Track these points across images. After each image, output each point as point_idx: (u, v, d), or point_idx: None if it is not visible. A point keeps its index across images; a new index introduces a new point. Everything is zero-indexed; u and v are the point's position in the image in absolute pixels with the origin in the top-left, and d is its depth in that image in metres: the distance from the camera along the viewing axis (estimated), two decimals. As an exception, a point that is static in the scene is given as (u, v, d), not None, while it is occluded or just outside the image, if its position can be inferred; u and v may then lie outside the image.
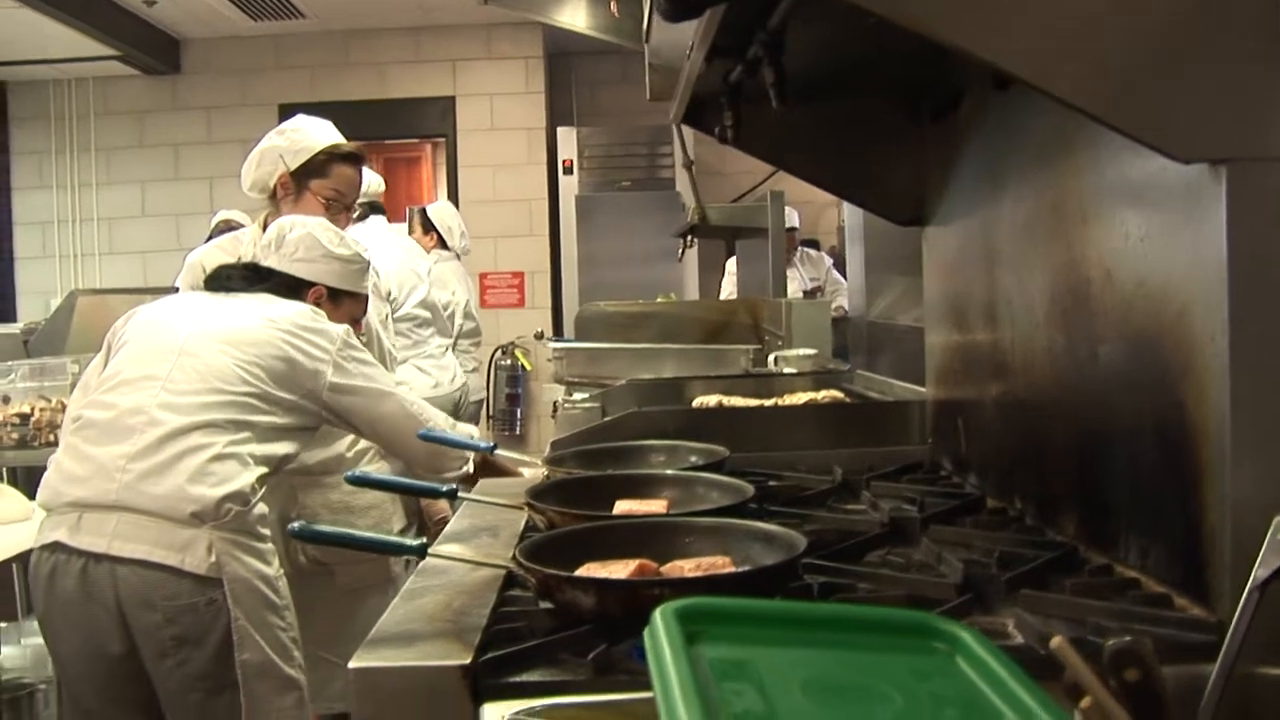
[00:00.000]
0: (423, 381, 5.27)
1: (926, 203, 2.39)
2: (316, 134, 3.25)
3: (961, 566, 1.56)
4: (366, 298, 2.96)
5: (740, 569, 1.44)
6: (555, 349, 4.05)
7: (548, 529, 1.75)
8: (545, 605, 1.44)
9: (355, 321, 2.88)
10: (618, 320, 4.88)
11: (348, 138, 3.31)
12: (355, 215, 5.11)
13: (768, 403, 3.05)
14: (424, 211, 6.20)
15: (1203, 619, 1.33)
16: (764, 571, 1.37)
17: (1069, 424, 1.73)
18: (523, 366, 8.48)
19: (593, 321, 4.86)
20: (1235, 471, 1.26)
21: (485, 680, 1.25)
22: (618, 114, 8.94)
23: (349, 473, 1.89)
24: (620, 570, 1.45)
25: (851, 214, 5.43)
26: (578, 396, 3.53)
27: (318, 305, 2.75)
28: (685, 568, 1.45)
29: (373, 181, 5.30)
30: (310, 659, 2.61)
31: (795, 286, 6.52)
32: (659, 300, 5.67)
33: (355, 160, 3.28)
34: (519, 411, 8.53)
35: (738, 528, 1.60)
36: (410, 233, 6.13)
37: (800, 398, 3.06)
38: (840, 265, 6.89)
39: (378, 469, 3.10)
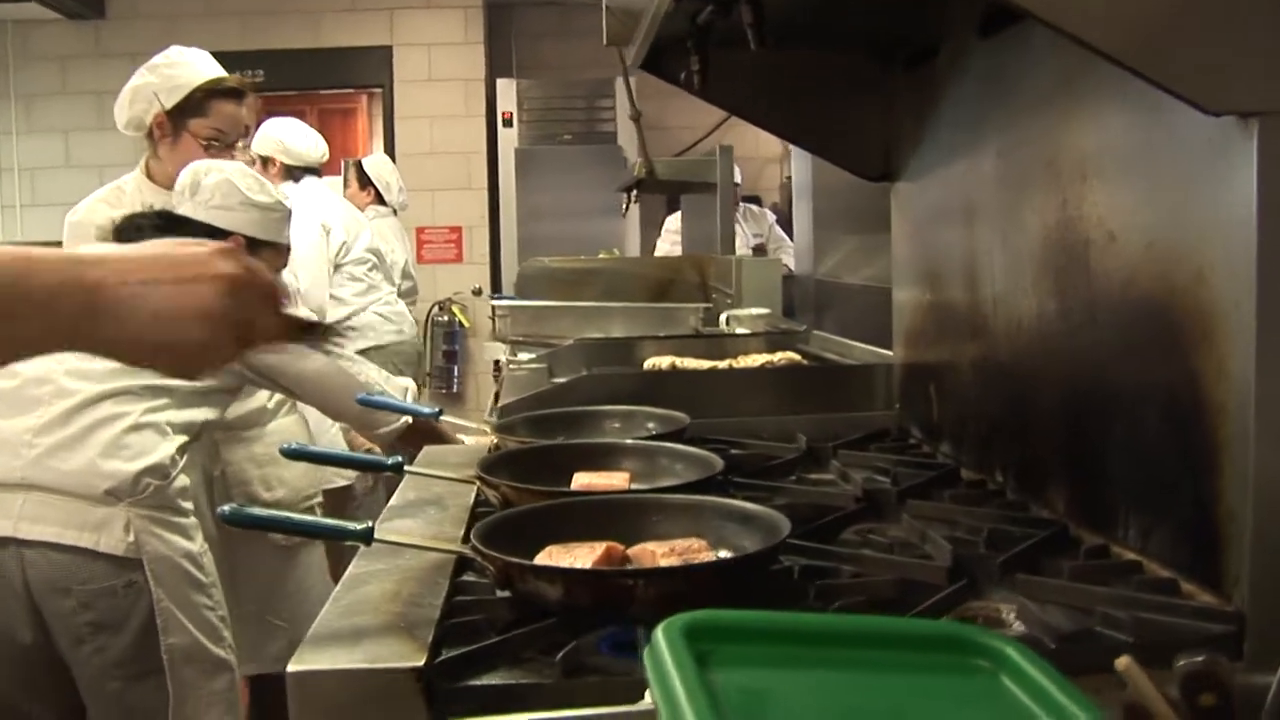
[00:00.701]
0: (387, 329, 5.12)
1: (897, 156, 2.27)
2: (193, 67, 3.01)
3: (949, 548, 1.45)
4: (288, 249, 2.75)
5: (721, 556, 1.32)
6: (499, 307, 3.90)
7: (501, 505, 1.63)
8: (503, 593, 1.31)
9: (275, 274, 2.69)
10: (561, 277, 4.73)
11: (280, 88, 3.15)
12: (290, 178, 4.95)
13: (722, 364, 2.94)
14: (360, 165, 5.99)
15: (1217, 608, 1.23)
16: (748, 560, 1.25)
17: (1059, 393, 1.63)
18: (460, 323, 8.31)
19: (535, 278, 4.71)
20: (1260, 451, 1.16)
21: (442, 685, 1.12)
22: (558, 66, 8.73)
23: (284, 445, 1.74)
24: (586, 555, 1.33)
25: (800, 169, 5.31)
26: (523, 357, 3.39)
27: None
28: (657, 553, 1.33)
29: (316, 148, 5.11)
30: (245, 618, 2.47)
31: (738, 243, 6.40)
32: (602, 256, 5.53)
33: (237, 95, 3.04)
34: (456, 369, 8.36)
35: (710, 506, 1.48)
36: (346, 187, 5.92)
37: (755, 359, 2.95)
38: (783, 222, 6.78)
39: (295, 420, 2.94)
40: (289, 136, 4.98)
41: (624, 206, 5.69)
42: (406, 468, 1.68)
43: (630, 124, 4.85)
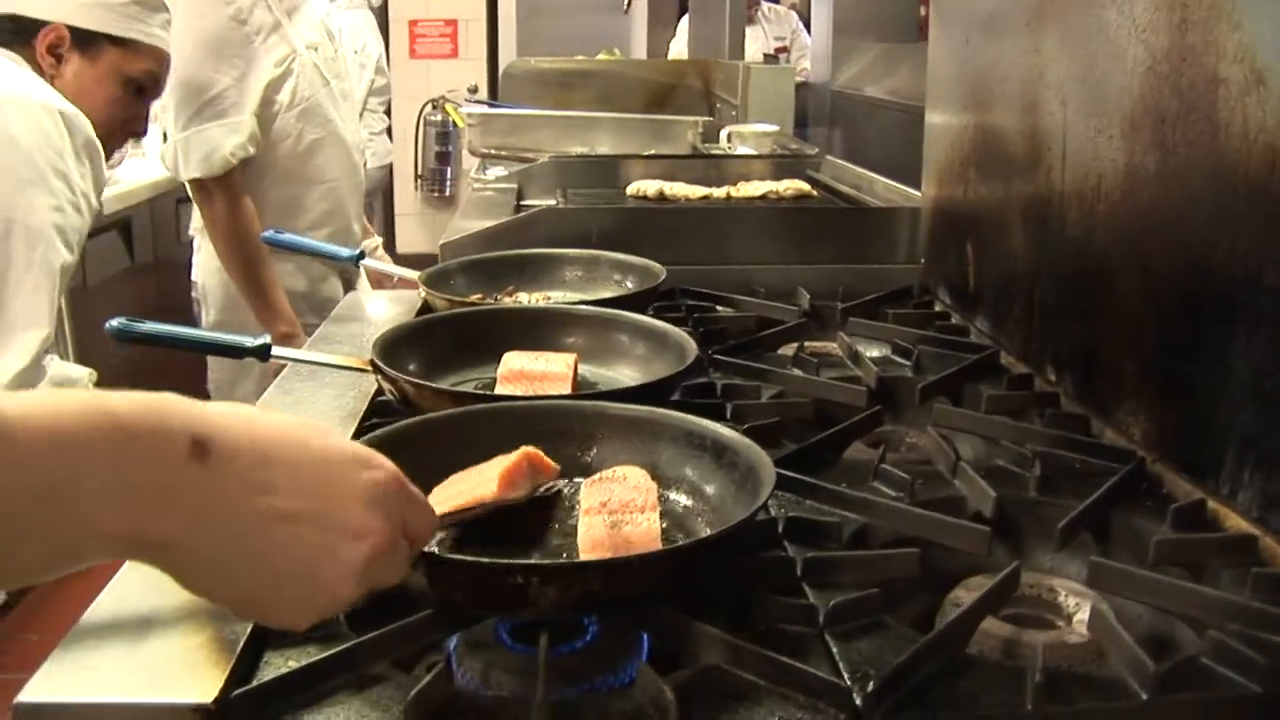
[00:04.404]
0: None
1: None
2: None
3: (993, 495, 1.07)
4: (159, 54, 2.05)
5: (671, 541, 0.93)
6: (469, 115, 3.43)
7: (401, 402, 1.23)
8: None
9: (142, 90, 2.03)
10: (551, 79, 4.25)
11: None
12: None
13: (718, 193, 2.52)
14: (331, -48, 5.42)
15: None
16: (709, 545, 0.86)
17: (1151, 283, 1.22)
18: (454, 123, 7.76)
19: (521, 80, 4.22)
20: None
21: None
22: None
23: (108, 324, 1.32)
24: (489, 483, 0.95)
25: (821, -35, 4.77)
26: (492, 174, 2.96)
27: (57, 59, 1.92)
28: (579, 508, 0.94)
29: None
30: None
31: (756, 47, 5.86)
32: (600, 57, 5.01)
33: None
34: (449, 171, 7.87)
35: (671, 426, 1.08)
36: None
37: (757, 188, 2.53)
38: (808, 24, 6.21)
39: None
40: None
41: (625, 1, 5.13)
42: (274, 350, 1.28)
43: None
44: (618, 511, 0.93)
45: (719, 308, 1.84)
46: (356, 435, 1.18)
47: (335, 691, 0.80)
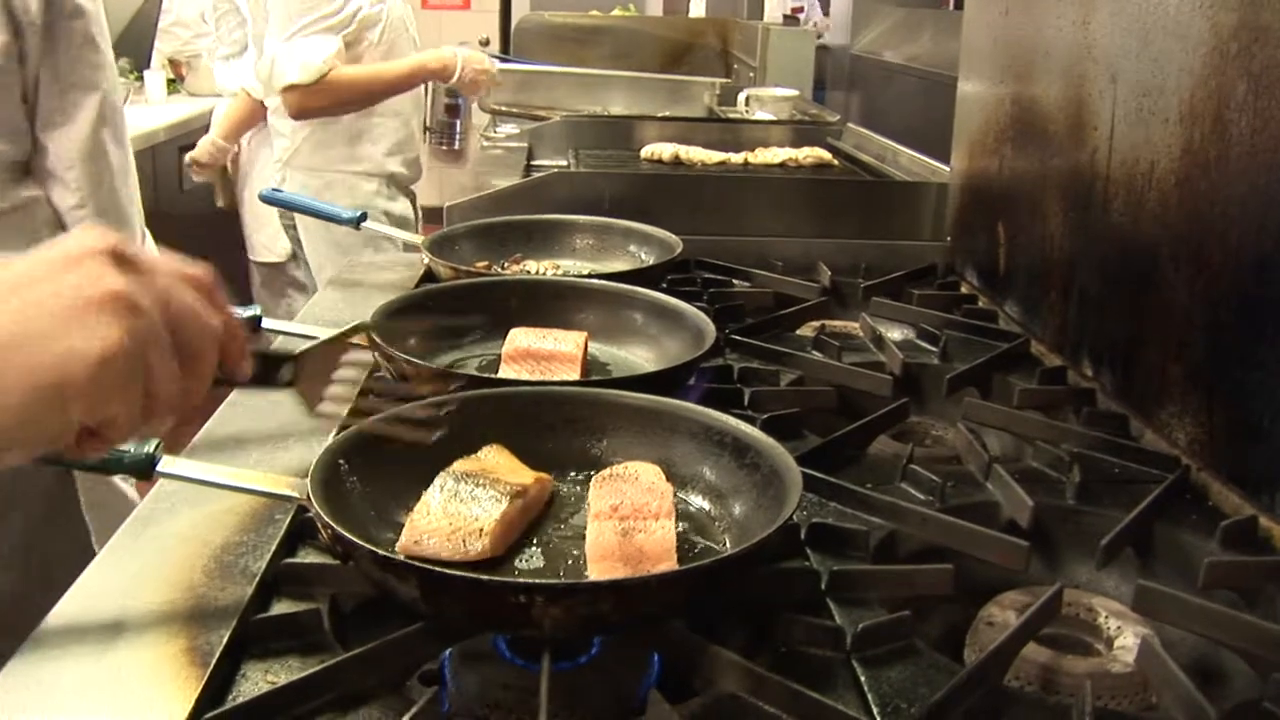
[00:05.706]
0: None
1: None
2: None
3: (1031, 506, 1.00)
4: None
5: (687, 549, 0.85)
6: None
7: (397, 380, 1.16)
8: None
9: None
10: (563, 34, 4.14)
11: None
12: None
13: (735, 158, 2.44)
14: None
15: None
16: (731, 564, 0.78)
17: (1204, 279, 1.14)
18: (464, 75, 7.65)
19: (534, 34, 4.11)
20: None
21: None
22: None
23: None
24: (491, 505, 0.88)
25: (842, -78, 4.65)
26: (503, 131, 2.87)
27: None
28: (589, 512, 0.87)
29: None
30: None
31: (773, 5, 5.73)
32: (615, 13, 4.90)
33: None
34: (458, 124, 7.72)
35: (689, 420, 1.01)
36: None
37: (776, 155, 2.45)
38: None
39: None
40: None
41: (642, -45, 5.02)
42: (264, 323, 1.20)
43: None
44: (630, 517, 0.86)
45: (735, 281, 1.77)
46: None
47: (318, 714, 0.73)
